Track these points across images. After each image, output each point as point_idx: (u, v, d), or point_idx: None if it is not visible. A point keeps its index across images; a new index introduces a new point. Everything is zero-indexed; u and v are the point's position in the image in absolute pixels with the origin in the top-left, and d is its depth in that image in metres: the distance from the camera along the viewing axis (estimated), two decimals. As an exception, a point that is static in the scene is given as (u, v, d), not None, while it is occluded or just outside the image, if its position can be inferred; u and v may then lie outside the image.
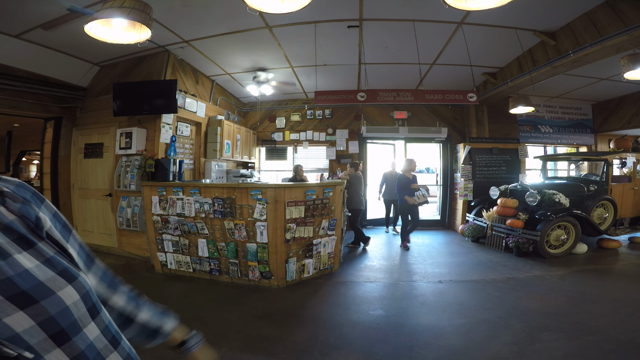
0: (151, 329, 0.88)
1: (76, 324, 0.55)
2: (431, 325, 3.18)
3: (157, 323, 0.90)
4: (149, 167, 4.95)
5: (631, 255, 5.51)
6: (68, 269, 0.57)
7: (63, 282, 0.54)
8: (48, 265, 0.54)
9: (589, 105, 8.60)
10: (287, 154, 8.72)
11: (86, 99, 6.00)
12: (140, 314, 0.84)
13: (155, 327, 0.89)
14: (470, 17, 4.32)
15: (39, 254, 0.55)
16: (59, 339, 0.52)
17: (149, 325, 0.87)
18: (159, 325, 0.90)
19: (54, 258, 0.56)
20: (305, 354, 2.70)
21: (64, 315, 0.53)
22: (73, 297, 0.55)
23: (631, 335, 2.85)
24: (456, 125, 8.32)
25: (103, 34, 3.23)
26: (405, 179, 6.13)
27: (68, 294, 0.54)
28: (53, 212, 0.66)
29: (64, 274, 0.55)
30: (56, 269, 0.55)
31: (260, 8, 2.81)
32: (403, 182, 6.13)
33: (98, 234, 5.82)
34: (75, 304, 0.55)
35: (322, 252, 4.52)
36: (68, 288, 0.54)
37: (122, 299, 0.81)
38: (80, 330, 0.55)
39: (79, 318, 0.55)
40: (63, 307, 0.53)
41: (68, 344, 0.53)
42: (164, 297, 3.86)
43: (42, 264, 0.54)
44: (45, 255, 0.55)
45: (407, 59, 5.76)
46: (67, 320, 0.53)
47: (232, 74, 6.65)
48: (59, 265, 0.56)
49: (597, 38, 4.04)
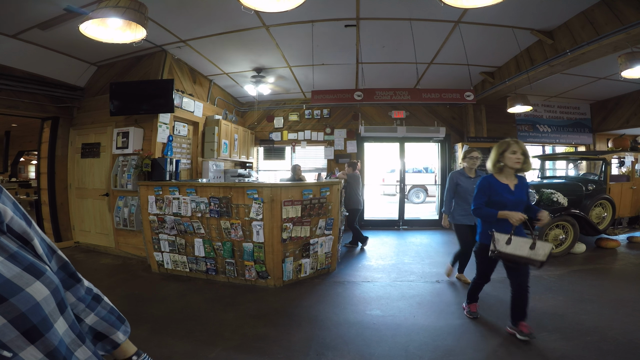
0: (99, 334, 0.80)
1: (47, 320, 0.53)
2: (428, 325, 3.17)
3: (106, 330, 0.82)
4: (146, 167, 4.94)
5: (630, 254, 5.50)
6: (34, 264, 0.55)
7: (31, 278, 0.53)
8: (12, 261, 0.52)
9: (587, 105, 8.59)
10: (285, 153, 8.70)
11: (83, 98, 5.99)
12: (88, 317, 0.77)
13: (102, 333, 0.81)
14: (467, 15, 4.31)
15: (2, 250, 0.53)
16: (31, 335, 0.51)
17: (97, 329, 0.79)
18: (107, 332, 0.82)
19: (18, 253, 0.54)
20: (301, 354, 2.68)
21: (34, 311, 0.52)
22: (43, 293, 0.53)
23: (630, 336, 2.83)
24: (454, 125, 8.31)
25: (98, 33, 3.23)
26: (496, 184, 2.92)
27: (37, 289, 0.53)
28: (12, 202, 0.63)
29: (30, 270, 0.53)
30: (22, 264, 0.53)
31: (255, 7, 2.80)
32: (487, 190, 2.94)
33: (95, 233, 5.81)
34: (46, 299, 0.54)
35: (319, 252, 4.51)
36: (37, 284, 0.53)
37: (72, 297, 0.74)
38: (52, 326, 0.54)
39: (49, 313, 0.54)
40: (33, 303, 0.52)
41: (41, 340, 0.52)
42: (161, 297, 3.85)
43: (5, 260, 0.52)
44: (8, 250, 0.53)
45: (404, 58, 5.75)
46: (38, 316, 0.52)
47: (229, 74, 6.64)
48: (24, 260, 0.54)
49: (594, 37, 4.03)
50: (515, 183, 2.88)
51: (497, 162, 2.91)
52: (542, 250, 2.64)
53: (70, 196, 6.05)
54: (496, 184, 2.88)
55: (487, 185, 2.89)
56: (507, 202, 2.80)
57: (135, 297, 3.83)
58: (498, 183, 2.88)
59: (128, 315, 3.35)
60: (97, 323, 0.79)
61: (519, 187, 2.88)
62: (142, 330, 3.02)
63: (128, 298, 3.80)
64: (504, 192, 2.84)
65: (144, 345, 2.77)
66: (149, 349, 2.79)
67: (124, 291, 4.02)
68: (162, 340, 2.88)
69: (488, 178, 2.93)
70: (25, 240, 0.60)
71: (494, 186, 2.87)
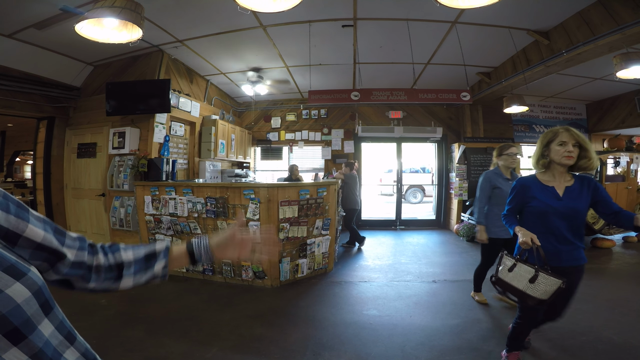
0: (147, 259, 0.87)
1: (30, 322, 0.53)
2: (424, 325, 3.17)
3: (149, 250, 0.88)
4: (142, 167, 4.92)
5: (625, 254, 5.53)
6: (15, 264, 0.54)
7: (10, 280, 0.52)
8: None
9: (583, 105, 8.63)
10: (283, 153, 8.70)
11: (79, 98, 5.95)
12: (126, 254, 0.85)
13: (148, 254, 0.88)
14: (464, 16, 4.32)
15: None
16: (13, 337, 0.50)
17: (143, 255, 0.87)
18: (151, 250, 0.89)
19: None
20: (298, 354, 2.68)
21: (15, 313, 0.51)
22: (23, 295, 0.53)
23: (625, 336, 2.85)
24: (451, 125, 8.33)
25: (94, 33, 3.22)
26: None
27: (17, 291, 0.52)
28: (2, 194, 0.62)
29: (10, 271, 0.53)
30: (1, 266, 0.53)
31: (252, 7, 2.79)
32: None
33: (91, 234, 5.78)
34: (27, 301, 0.53)
35: (316, 252, 4.51)
36: (16, 285, 0.52)
37: (102, 257, 0.82)
38: (35, 328, 0.54)
39: (32, 315, 0.53)
40: (14, 305, 0.51)
41: (24, 342, 0.52)
42: (158, 297, 3.84)
43: None
44: None
45: (401, 59, 5.75)
46: (20, 318, 0.51)
47: (226, 74, 6.62)
48: (4, 261, 0.53)
49: (590, 37, 4.05)
50: (568, 185, 2.14)
51: (542, 156, 2.19)
52: (545, 287, 2.00)
53: (66, 196, 6.02)
54: (535, 186, 2.19)
55: (521, 187, 2.24)
56: (548, 210, 2.10)
57: (132, 297, 3.81)
58: (538, 184, 2.19)
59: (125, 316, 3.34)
60: (138, 252, 0.88)
61: (575, 192, 2.11)
62: (139, 331, 3.01)
63: (124, 298, 3.78)
64: (547, 197, 2.12)
65: (141, 345, 2.78)
66: (145, 349, 2.79)
67: (120, 291, 3.99)
68: (159, 340, 2.87)
69: (526, 178, 2.28)
70: (15, 235, 0.60)
71: (531, 188, 2.19)
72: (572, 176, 2.18)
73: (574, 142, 2.06)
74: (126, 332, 3.01)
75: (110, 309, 3.50)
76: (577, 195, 2.10)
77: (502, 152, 3.44)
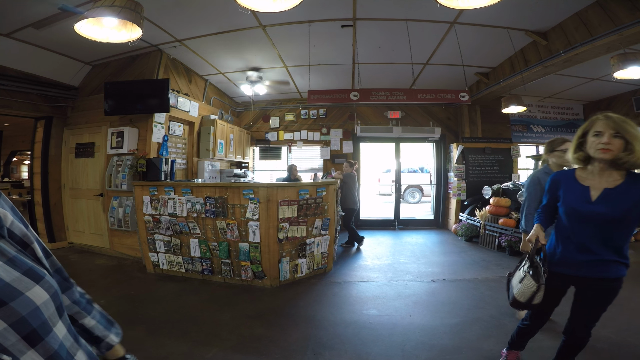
0: (93, 337, 0.83)
1: (46, 324, 0.54)
2: (424, 324, 3.18)
3: (102, 333, 0.84)
4: (141, 167, 4.91)
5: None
6: (33, 268, 0.55)
7: (30, 282, 0.53)
8: (11, 265, 0.53)
9: (580, 105, 8.68)
10: (282, 153, 8.69)
11: (77, 98, 5.93)
12: (85, 319, 0.80)
13: (98, 336, 0.83)
14: (463, 16, 4.34)
15: (1, 254, 0.53)
16: (31, 339, 0.51)
17: (92, 332, 0.82)
18: (103, 335, 0.85)
19: (17, 257, 0.54)
20: (299, 354, 2.69)
21: (34, 315, 0.52)
22: (42, 297, 0.53)
23: (623, 334, 2.87)
24: (449, 125, 8.35)
25: (93, 33, 3.21)
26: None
27: (37, 294, 0.53)
28: (11, 206, 0.63)
29: (29, 274, 0.54)
30: (20, 268, 0.53)
31: (252, 7, 2.79)
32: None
33: (89, 234, 5.76)
34: (45, 303, 0.54)
35: (315, 252, 4.51)
36: (36, 288, 0.53)
37: (67, 299, 0.77)
38: (51, 330, 0.54)
39: (48, 317, 0.54)
40: (33, 307, 0.52)
41: (41, 344, 0.52)
42: (156, 298, 3.83)
43: (4, 264, 0.52)
44: (7, 254, 0.53)
45: (400, 59, 5.77)
46: (38, 320, 0.52)
47: (225, 74, 6.62)
48: (23, 264, 0.54)
49: (587, 38, 4.07)
50: (611, 186, 1.73)
51: (577, 148, 1.84)
52: (524, 288, 1.93)
53: (64, 196, 5.99)
54: (567, 183, 1.88)
55: (551, 182, 1.96)
56: (571, 213, 1.83)
57: (131, 298, 3.81)
58: (571, 182, 1.86)
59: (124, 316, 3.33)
60: (95, 327, 0.82)
61: (618, 195, 1.70)
62: (138, 331, 3.01)
63: (123, 299, 3.77)
64: (573, 199, 1.82)
65: (140, 346, 2.77)
66: (145, 349, 2.78)
67: (120, 292, 3.99)
68: (159, 341, 2.87)
69: (561, 172, 1.97)
70: (24, 244, 0.60)
71: (560, 186, 1.90)
72: (623, 175, 1.73)
73: (612, 132, 1.66)
74: (126, 333, 2.95)
75: (110, 309, 3.46)
76: (617, 198, 1.70)
77: (555, 147, 2.84)
